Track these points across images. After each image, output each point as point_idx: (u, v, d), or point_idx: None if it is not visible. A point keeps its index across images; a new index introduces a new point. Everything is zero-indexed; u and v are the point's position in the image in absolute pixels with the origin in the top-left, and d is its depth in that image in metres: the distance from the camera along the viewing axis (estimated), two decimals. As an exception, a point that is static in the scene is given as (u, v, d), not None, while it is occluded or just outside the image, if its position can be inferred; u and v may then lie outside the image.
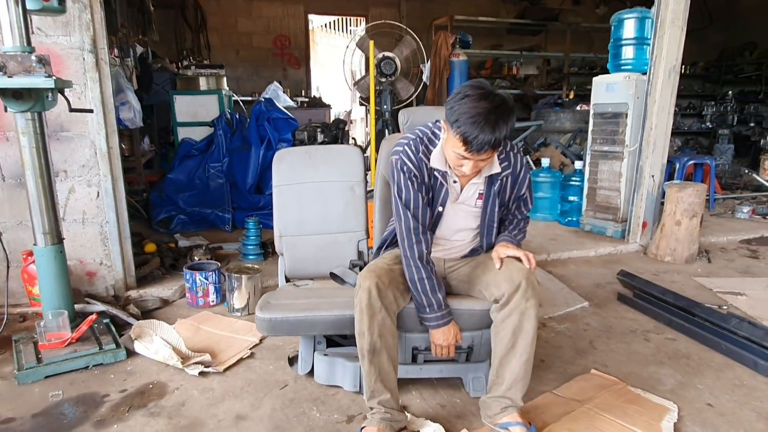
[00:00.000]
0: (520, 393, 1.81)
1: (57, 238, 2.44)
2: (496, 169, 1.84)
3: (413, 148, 1.83)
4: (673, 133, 4.04)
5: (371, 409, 1.81)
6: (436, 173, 1.85)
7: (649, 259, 3.88)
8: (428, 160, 1.83)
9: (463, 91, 1.66)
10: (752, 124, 7.66)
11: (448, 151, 1.74)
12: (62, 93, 2.38)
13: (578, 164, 4.75)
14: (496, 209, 1.91)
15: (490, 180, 1.87)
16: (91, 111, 2.67)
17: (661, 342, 2.58)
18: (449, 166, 1.82)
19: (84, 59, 2.71)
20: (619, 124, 4.02)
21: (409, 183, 1.82)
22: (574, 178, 4.75)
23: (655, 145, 3.88)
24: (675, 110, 3.94)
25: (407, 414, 1.92)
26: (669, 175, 4.66)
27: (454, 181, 1.87)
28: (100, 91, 2.76)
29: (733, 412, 1.99)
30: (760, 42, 8.95)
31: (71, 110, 2.45)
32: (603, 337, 2.64)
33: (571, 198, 4.79)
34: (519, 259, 1.83)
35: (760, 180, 5.75)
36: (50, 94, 2.22)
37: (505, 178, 1.89)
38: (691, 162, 5.12)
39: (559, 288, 3.22)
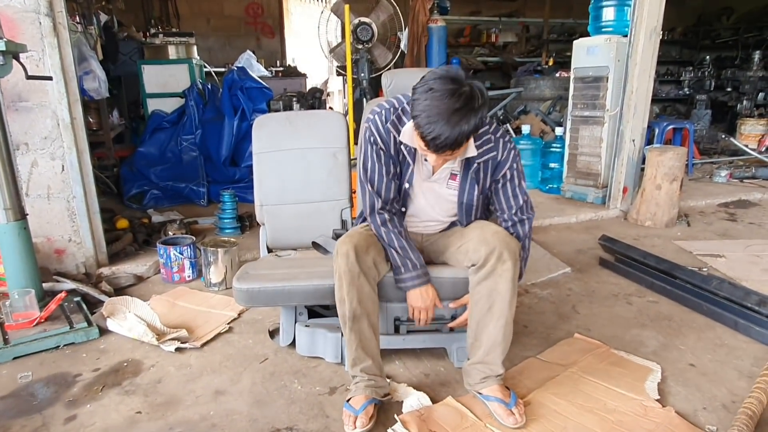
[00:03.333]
0: (500, 358, 1.76)
1: (20, 214, 2.33)
2: (472, 152, 1.70)
3: (383, 118, 1.75)
4: (652, 100, 4.01)
5: (354, 377, 1.77)
6: (404, 148, 1.75)
7: (629, 224, 3.89)
8: (398, 132, 1.73)
9: (429, 83, 1.51)
10: (729, 89, 7.68)
11: (416, 141, 1.62)
12: (17, 59, 2.24)
13: (558, 131, 4.72)
14: (475, 192, 1.80)
15: (467, 161, 1.76)
16: (50, 78, 2.52)
17: (643, 305, 2.58)
18: None
19: (40, 23, 2.54)
20: (599, 88, 3.97)
21: (375, 156, 1.75)
22: (554, 145, 4.71)
23: (636, 108, 3.85)
24: (653, 77, 3.90)
25: (389, 381, 1.88)
26: (648, 141, 4.65)
27: (425, 159, 1.75)
28: (60, 57, 2.60)
29: (715, 372, 2.00)
30: (736, 6, 8.95)
31: (28, 77, 2.32)
32: (585, 301, 2.63)
33: (552, 165, 4.76)
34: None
35: (737, 144, 5.78)
36: (2, 58, 2.07)
37: (484, 164, 1.76)
38: (671, 127, 5.13)
39: (541, 254, 3.21)
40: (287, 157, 2.31)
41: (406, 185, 1.81)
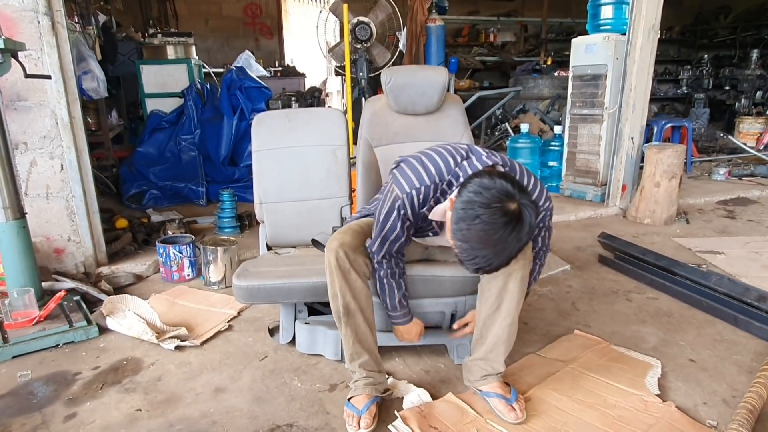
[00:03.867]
0: (502, 356, 1.76)
1: (19, 213, 2.32)
2: None
3: (420, 199, 1.59)
4: (650, 99, 4.02)
5: (353, 374, 1.77)
6: (434, 224, 1.70)
7: (628, 221, 3.89)
8: (429, 212, 1.64)
9: (475, 209, 1.36)
10: (727, 88, 7.70)
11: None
12: (16, 57, 2.24)
13: (557, 129, 4.71)
14: None
15: None
16: (48, 77, 2.52)
17: (643, 301, 2.59)
18: None
19: (39, 22, 2.54)
20: (598, 86, 3.98)
21: (400, 226, 1.64)
22: (553, 143, 4.71)
23: (635, 106, 3.85)
24: (652, 75, 3.91)
25: (390, 377, 1.89)
26: (647, 139, 4.66)
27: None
28: (59, 56, 2.60)
29: (715, 367, 2.00)
30: (734, 5, 8.97)
31: (27, 76, 2.32)
32: (585, 298, 2.63)
33: (551, 163, 4.76)
34: None
35: (736, 142, 5.79)
36: (0, 56, 2.07)
37: None
38: (669, 125, 5.12)
39: (541, 252, 3.20)
40: (286, 154, 2.31)
41: (429, 234, 1.77)
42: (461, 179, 1.53)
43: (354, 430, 1.64)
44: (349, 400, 1.73)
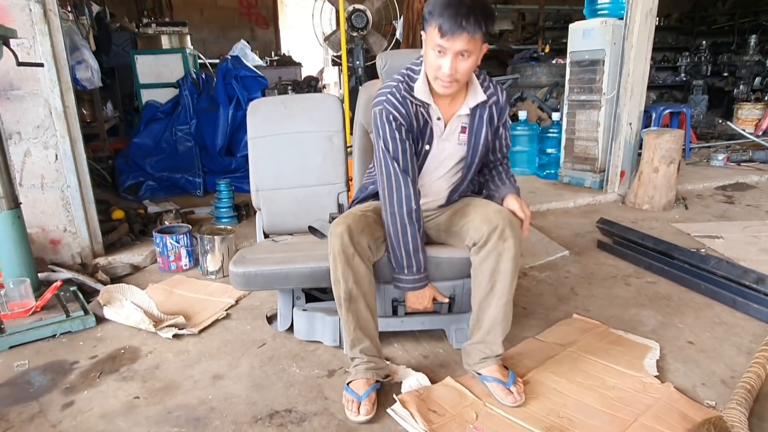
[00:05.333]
0: (500, 337, 1.76)
1: (13, 203, 2.31)
2: (482, 96, 1.77)
3: (397, 94, 1.73)
4: (648, 87, 4.00)
5: (353, 359, 1.76)
6: (421, 110, 1.76)
7: (627, 207, 3.88)
8: (411, 95, 1.74)
9: None
10: (726, 74, 7.67)
11: (427, 59, 1.67)
12: (7, 45, 2.21)
13: (555, 116, 4.70)
14: (481, 140, 1.81)
15: (474, 112, 1.79)
16: (41, 65, 2.50)
17: (642, 285, 2.58)
18: (433, 98, 1.75)
19: (30, 10, 2.51)
20: (596, 71, 3.95)
21: (396, 133, 1.71)
22: (551, 130, 4.70)
23: (633, 91, 3.83)
24: (650, 63, 3.88)
25: (389, 362, 1.88)
26: (645, 125, 4.65)
27: (438, 118, 1.78)
28: (51, 44, 2.57)
29: (714, 348, 2.00)
30: (732, -9, 8.91)
31: (19, 64, 2.30)
32: (584, 283, 2.63)
33: (549, 150, 4.75)
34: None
35: (734, 128, 5.78)
36: (-9, 43, 2.05)
37: (490, 108, 1.81)
38: (668, 111, 5.11)
39: (540, 238, 3.20)
40: (282, 141, 2.29)
41: (427, 147, 1.81)
42: (418, 61, 1.78)
43: (354, 416, 1.63)
44: (348, 384, 1.72)
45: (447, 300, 1.90)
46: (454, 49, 1.59)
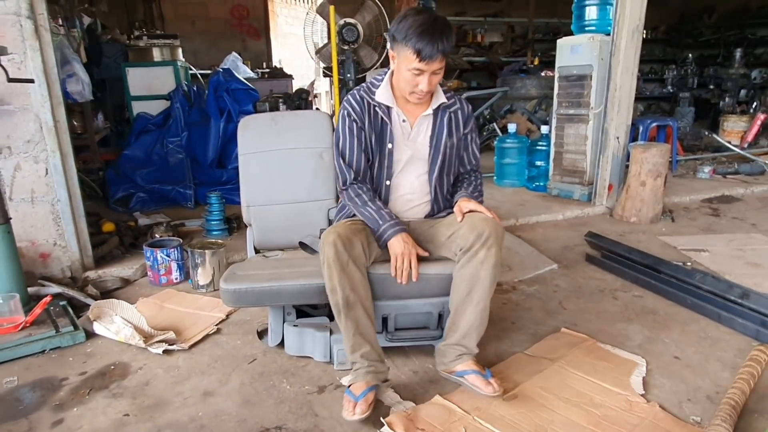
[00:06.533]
0: (475, 341, 1.84)
1: (3, 218, 2.31)
2: (443, 99, 1.93)
3: (357, 95, 1.93)
4: (636, 99, 4.06)
5: (354, 363, 1.80)
6: (380, 112, 1.90)
7: (615, 220, 3.93)
8: (371, 98, 1.91)
9: (401, 15, 1.79)
10: (711, 87, 7.78)
11: (401, 76, 1.82)
12: (-3, 61, 2.22)
13: (544, 129, 4.75)
14: (443, 137, 1.94)
15: (436, 114, 1.94)
16: (32, 81, 2.50)
17: (629, 299, 2.61)
18: (396, 102, 1.91)
19: (21, 25, 2.52)
20: (584, 86, 4.01)
21: (348, 129, 1.90)
22: (540, 143, 4.75)
23: (620, 106, 3.89)
24: (637, 75, 3.95)
25: (389, 367, 1.90)
26: (633, 138, 4.70)
27: (403, 120, 1.92)
28: (42, 60, 2.58)
29: (699, 364, 2.03)
30: (718, 5, 9.08)
31: (9, 80, 2.31)
32: (572, 297, 2.66)
33: (538, 163, 4.79)
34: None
35: (720, 141, 5.87)
36: (-18, 61, 2.05)
37: (453, 114, 1.96)
38: (654, 124, 5.18)
39: (528, 251, 3.23)
40: (273, 157, 2.31)
41: (389, 146, 1.92)
42: (384, 72, 1.96)
43: (350, 416, 1.68)
44: (348, 386, 1.78)
45: (427, 253, 1.88)
46: (431, 69, 1.76)
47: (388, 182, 1.96)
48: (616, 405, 1.76)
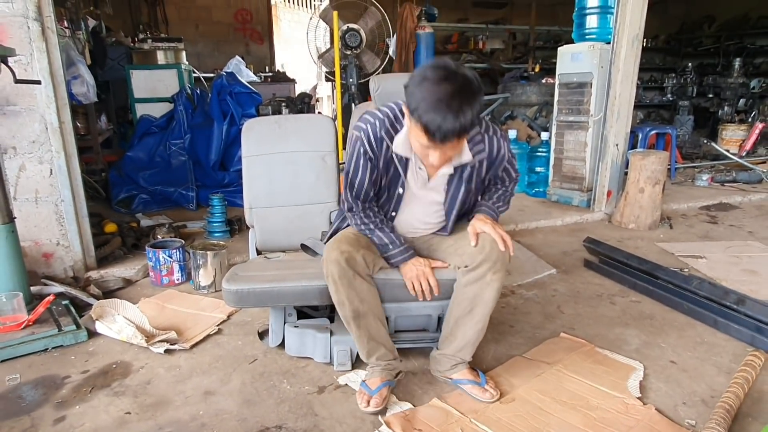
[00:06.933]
0: (471, 353, 1.89)
1: (8, 217, 2.33)
2: (467, 158, 1.69)
3: (376, 129, 1.69)
4: (636, 106, 4.10)
5: (369, 364, 1.86)
6: (395, 157, 1.72)
7: (614, 226, 3.96)
8: (391, 142, 1.69)
9: (422, 73, 1.49)
10: (711, 96, 7.84)
11: (413, 141, 1.59)
12: (5, 62, 2.25)
13: (544, 136, 4.78)
14: (460, 194, 1.80)
15: (456, 170, 1.75)
16: (38, 82, 2.53)
17: (627, 305, 2.64)
18: (414, 153, 1.70)
19: (29, 27, 2.55)
20: (584, 93, 4.05)
21: (362, 166, 1.72)
22: (540, 150, 4.78)
23: (619, 114, 3.92)
24: (637, 83, 3.98)
25: (401, 360, 1.96)
26: (632, 145, 4.73)
27: (420, 168, 1.75)
28: (48, 61, 2.61)
29: (695, 368, 2.05)
30: (718, 15, 9.13)
31: (16, 81, 2.33)
32: (570, 301, 2.68)
33: (538, 169, 4.83)
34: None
35: (719, 149, 5.90)
36: (-9, 62, 2.09)
37: (478, 163, 1.76)
38: (654, 132, 5.22)
39: (528, 256, 3.25)
40: (276, 160, 2.34)
41: (400, 190, 1.80)
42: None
43: (364, 407, 1.75)
44: (363, 381, 1.84)
45: (447, 265, 1.86)
46: (445, 148, 1.53)
47: (394, 213, 1.87)
48: (613, 408, 1.78)
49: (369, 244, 1.83)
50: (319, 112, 6.83)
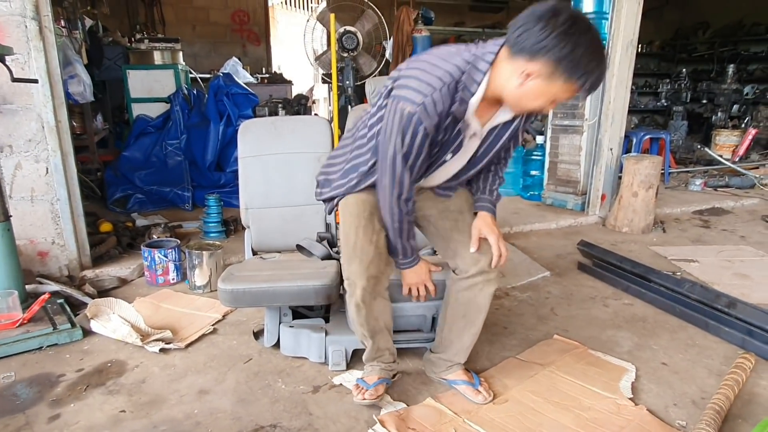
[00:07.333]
0: (465, 357, 1.92)
1: (3, 216, 2.33)
2: (511, 113, 1.58)
3: (445, 104, 1.45)
4: (630, 111, 4.13)
5: (370, 364, 1.90)
6: (459, 125, 1.54)
7: (607, 230, 3.98)
8: (462, 112, 1.49)
9: (561, 23, 1.29)
10: (704, 101, 7.90)
11: (532, 100, 1.42)
12: (2, 61, 2.26)
13: (539, 139, 4.81)
14: (495, 148, 1.67)
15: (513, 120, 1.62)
16: (35, 81, 2.54)
17: (619, 307, 2.66)
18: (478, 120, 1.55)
19: (26, 26, 2.56)
20: (578, 98, 4.07)
21: (422, 146, 1.51)
22: (535, 153, 4.80)
23: (614, 118, 3.96)
24: (632, 88, 4.01)
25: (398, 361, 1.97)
26: (626, 150, 4.78)
27: (474, 134, 1.61)
28: (46, 60, 2.61)
29: (686, 370, 2.07)
30: (712, 21, 9.20)
31: (14, 80, 2.34)
32: (564, 304, 2.70)
33: (533, 173, 4.85)
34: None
35: (712, 154, 5.95)
36: (-12, 60, 2.09)
37: (521, 116, 1.62)
38: (648, 136, 5.26)
39: (522, 259, 3.27)
40: (272, 161, 2.35)
41: (448, 156, 1.63)
42: (481, 68, 1.44)
43: (359, 399, 1.79)
44: (361, 378, 1.87)
45: (440, 269, 1.86)
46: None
47: (427, 175, 1.72)
48: (604, 408, 1.80)
49: (384, 247, 1.71)
50: (315, 114, 6.84)
